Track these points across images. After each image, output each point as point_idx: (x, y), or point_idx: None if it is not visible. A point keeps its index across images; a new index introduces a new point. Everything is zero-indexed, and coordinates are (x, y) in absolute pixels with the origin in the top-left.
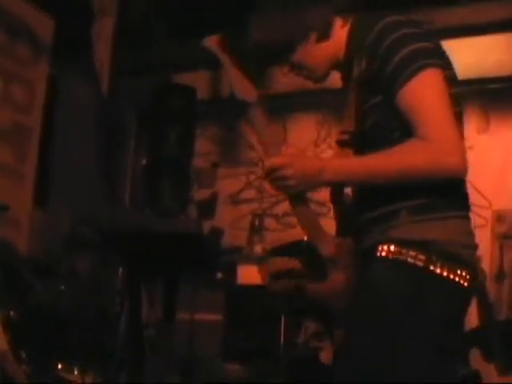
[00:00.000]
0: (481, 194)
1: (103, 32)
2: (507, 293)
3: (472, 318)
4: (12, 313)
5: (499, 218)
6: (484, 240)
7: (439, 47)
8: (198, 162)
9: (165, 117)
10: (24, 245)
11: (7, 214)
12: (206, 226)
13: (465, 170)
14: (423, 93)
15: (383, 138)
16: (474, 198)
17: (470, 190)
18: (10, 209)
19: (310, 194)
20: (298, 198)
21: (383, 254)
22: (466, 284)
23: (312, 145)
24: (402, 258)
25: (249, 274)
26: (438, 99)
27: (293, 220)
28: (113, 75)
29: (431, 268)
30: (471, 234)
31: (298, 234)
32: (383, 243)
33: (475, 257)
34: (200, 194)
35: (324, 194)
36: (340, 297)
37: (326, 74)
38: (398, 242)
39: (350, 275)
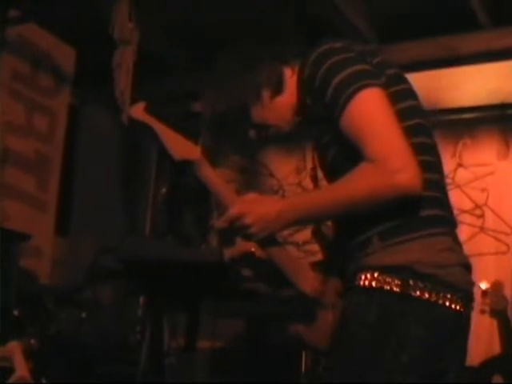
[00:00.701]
0: (502, 220)
1: (124, 61)
2: None
3: (494, 345)
4: (33, 341)
5: None
6: (506, 266)
7: (379, 65)
8: None
9: None
10: (46, 273)
11: (30, 242)
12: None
13: (414, 187)
14: (362, 114)
15: (341, 170)
16: (495, 223)
17: (491, 216)
18: (33, 238)
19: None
20: (267, 242)
21: (361, 282)
22: (452, 306)
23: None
24: (377, 284)
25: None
26: (378, 117)
27: (314, 248)
28: (134, 104)
29: (410, 292)
30: (451, 251)
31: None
32: (359, 272)
33: (463, 275)
34: (221, 223)
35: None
36: (329, 338)
37: (293, 127)
38: (373, 269)
39: (337, 315)
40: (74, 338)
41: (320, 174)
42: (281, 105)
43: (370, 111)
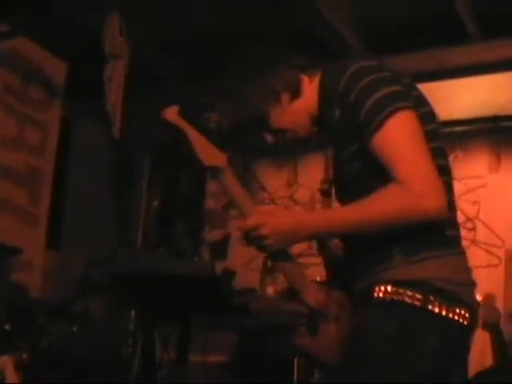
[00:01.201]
0: (494, 232)
1: (115, 75)
2: None
3: (487, 357)
4: (24, 355)
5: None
6: (498, 279)
7: (409, 87)
8: (210, 203)
9: (178, 158)
10: (37, 287)
11: (21, 256)
12: (218, 266)
13: (441, 212)
14: (395, 138)
15: (362, 186)
16: (487, 236)
17: (482, 229)
18: (24, 251)
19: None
20: (279, 255)
21: (380, 294)
22: (465, 322)
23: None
24: (399, 298)
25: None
26: (410, 141)
27: (306, 260)
28: (125, 117)
29: (429, 307)
30: (468, 271)
31: (311, 274)
32: (379, 284)
33: (473, 294)
34: (212, 235)
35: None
36: (331, 349)
37: (310, 131)
38: (395, 283)
39: (341, 326)
40: (65, 351)
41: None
42: (299, 109)
43: (402, 135)
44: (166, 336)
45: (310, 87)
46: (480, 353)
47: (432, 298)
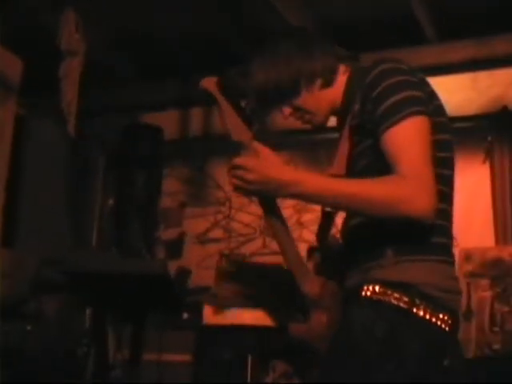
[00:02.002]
0: None
1: (70, 72)
2: (475, 331)
3: None
4: None
5: (466, 256)
6: None
7: (431, 95)
8: (166, 202)
9: (132, 157)
10: None
11: None
12: (174, 265)
13: (428, 214)
14: (405, 136)
15: (373, 177)
16: None
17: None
18: None
19: None
20: (268, 204)
21: (368, 294)
22: (446, 328)
23: None
24: (385, 299)
25: (215, 314)
26: (417, 144)
27: (260, 260)
28: (81, 115)
29: (414, 310)
30: (456, 280)
31: None
32: (368, 283)
33: (459, 302)
34: (167, 234)
35: None
36: (321, 338)
37: (326, 120)
38: (383, 283)
39: (332, 317)
40: (19, 351)
41: None
42: (326, 96)
43: (413, 137)
44: (120, 335)
45: (342, 78)
46: None
47: (418, 301)
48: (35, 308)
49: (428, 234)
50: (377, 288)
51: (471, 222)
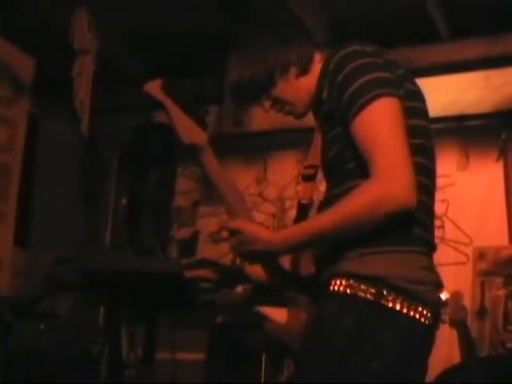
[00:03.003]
0: (462, 230)
1: (83, 71)
2: (489, 330)
3: (454, 355)
4: None
5: (480, 254)
6: (465, 277)
7: (401, 77)
8: (179, 201)
9: (145, 156)
10: (5, 285)
11: None
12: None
13: (410, 201)
14: (374, 123)
15: (340, 168)
16: (455, 234)
17: (450, 227)
18: None
19: None
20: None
21: (335, 288)
22: (426, 322)
23: (293, 182)
24: (352, 291)
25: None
26: (389, 130)
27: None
28: (93, 114)
29: (382, 302)
30: (428, 270)
31: None
32: (335, 278)
33: (435, 294)
34: (181, 233)
35: None
36: (300, 336)
37: (307, 109)
38: (349, 276)
39: (311, 314)
40: (33, 350)
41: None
42: (303, 85)
43: (382, 122)
44: (134, 334)
45: (317, 68)
46: (448, 350)
47: (386, 292)
48: (49, 307)
49: (398, 225)
50: (343, 281)
51: (485, 220)
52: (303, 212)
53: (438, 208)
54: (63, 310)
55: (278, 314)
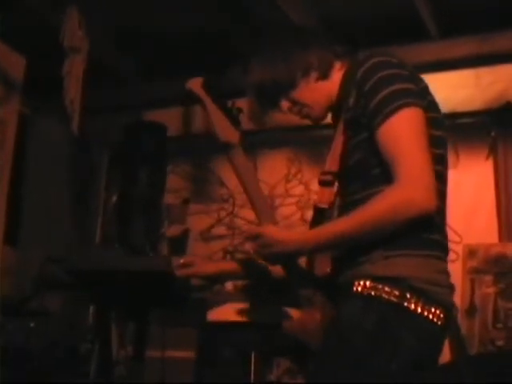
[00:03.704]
0: (451, 228)
1: (73, 70)
2: (478, 327)
3: (444, 353)
4: None
5: (470, 252)
6: (455, 274)
7: (424, 90)
8: (169, 199)
9: (136, 154)
10: None
11: None
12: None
13: (431, 207)
14: (399, 131)
15: (364, 174)
16: None
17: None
18: None
19: None
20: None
21: (359, 289)
22: (439, 322)
23: (283, 180)
24: (376, 293)
25: (219, 311)
26: (413, 138)
27: None
28: (84, 113)
29: (405, 304)
30: (446, 274)
31: None
32: (359, 279)
33: (450, 296)
34: (171, 231)
35: None
36: (315, 335)
37: (325, 114)
38: (373, 278)
39: (326, 313)
40: (22, 349)
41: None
42: (322, 89)
43: (406, 131)
44: (124, 332)
45: (338, 74)
46: None
47: (409, 295)
48: (39, 305)
49: (419, 229)
50: (367, 283)
51: (475, 218)
52: (320, 216)
53: None
54: (53, 309)
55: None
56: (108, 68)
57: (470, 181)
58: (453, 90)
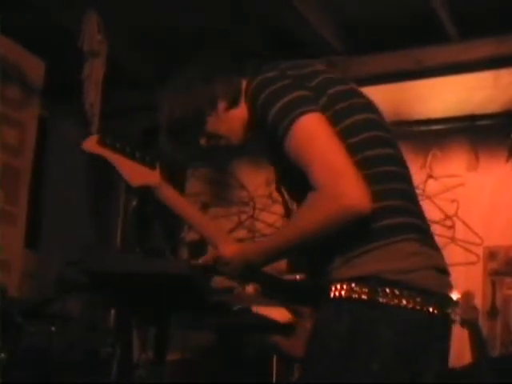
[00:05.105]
0: (472, 230)
1: (93, 73)
2: (500, 329)
3: (465, 355)
4: (3, 355)
5: (491, 254)
6: (476, 276)
7: (323, 85)
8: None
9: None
10: (15, 286)
11: None
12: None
13: (363, 204)
14: (301, 143)
15: (302, 186)
16: (465, 234)
17: (461, 227)
18: (2, 250)
19: None
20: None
21: (331, 294)
22: (423, 309)
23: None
24: (347, 294)
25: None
26: (316, 143)
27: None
28: (103, 116)
29: (377, 299)
30: (415, 255)
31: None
32: (329, 284)
33: (428, 278)
34: (191, 235)
35: None
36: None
37: (244, 139)
38: (341, 281)
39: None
40: (44, 351)
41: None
42: (234, 117)
43: (307, 138)
44: (144, 335)
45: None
46: (459, 350)
47: (379, 289)
48: (60, 309)
49: (372, 220)
50: (338, 286)
51: (495, 220)
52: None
53: (448, 208)
54: (74, 312)
55: (276, 314)
56: (128, 71)
57: (490, 183)
58: (471, 91)
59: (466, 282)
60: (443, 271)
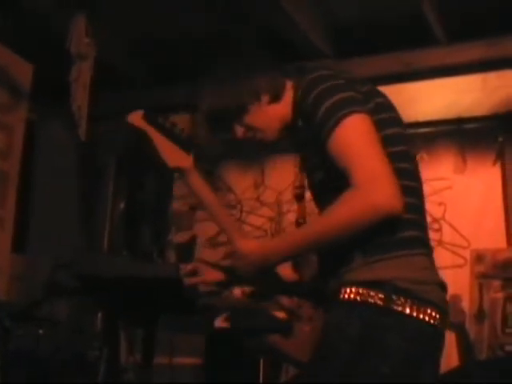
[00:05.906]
0: (459, 233)
1: (81, 76)
2: (487, 333)
3: (452, 358)
4: None
5: (478, 257)
6: (463, 280)
7: (368, 93)
8: (177, 205)
9: (143, 160)
10: (3, 290)
11: None
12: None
13: (395, 206)
14: (347, 140)
15: (332, 187)
16: (452, 237)
17: (448, 230)
18: None
19: None
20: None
21: (345, 296)
22: (430, 321)
23: (290, 186)
24: (362, 298)
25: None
26: (361, 143)
27: None
28: (91, 119)
29: (392, 306)
30: (430, 270)
31: None
32: (342, 286)
33: (438, 293)
34: (179, 237)
35: None
36: (304, 346)
37: (279, 136)
38: (356, 284)
39: (315, 326)
40: (31, 354)
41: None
42: (274, 112)
43: (354, 137)
44: (131, 338)
45: (289, 95)
46: (445, 353)
47: (395, 297)
48: (47, 312)
49: (395, 229)
50: (353, 289)
51: (483, 223)
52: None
53: (436, 211)
54: (62, 315)
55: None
56: (117, 73)
57: (478, 186)
58: (460, 94)
59: (453, 285)
60: (443, 288)
